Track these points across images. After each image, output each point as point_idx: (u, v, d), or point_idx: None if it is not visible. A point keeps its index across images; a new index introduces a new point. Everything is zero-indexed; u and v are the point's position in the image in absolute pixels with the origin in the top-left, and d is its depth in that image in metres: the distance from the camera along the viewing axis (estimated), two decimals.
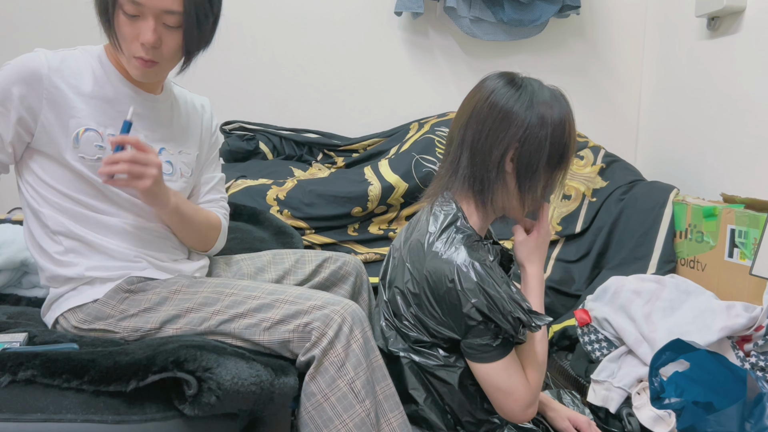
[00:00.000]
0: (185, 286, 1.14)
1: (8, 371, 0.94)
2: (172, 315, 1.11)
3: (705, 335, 1.35)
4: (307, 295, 1.09)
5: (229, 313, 1.09)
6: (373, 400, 1.03)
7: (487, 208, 1.11)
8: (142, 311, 1.12)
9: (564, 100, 1.10)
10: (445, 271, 1.03)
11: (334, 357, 1.02)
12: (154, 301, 1.12)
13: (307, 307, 1.06)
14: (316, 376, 1.03)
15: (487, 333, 1.03)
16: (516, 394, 1.06)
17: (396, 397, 1.08)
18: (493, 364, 1.05)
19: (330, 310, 1.05)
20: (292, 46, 2.34)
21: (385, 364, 1.09)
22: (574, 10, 2.32)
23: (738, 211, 1.61)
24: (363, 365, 1.03)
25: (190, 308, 1.10)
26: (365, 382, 1.03)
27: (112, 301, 1.13)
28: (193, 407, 0.94)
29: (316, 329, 1.03)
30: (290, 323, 1.05)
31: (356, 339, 1.04)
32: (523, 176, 1.07)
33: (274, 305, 1.08)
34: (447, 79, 2.44)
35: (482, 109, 1.07)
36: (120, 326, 1.12)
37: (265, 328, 1.07)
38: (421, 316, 1.09)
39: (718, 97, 2.04)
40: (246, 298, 1.09)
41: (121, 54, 1.12)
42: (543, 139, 1.05)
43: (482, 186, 1.09)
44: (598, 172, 2.12)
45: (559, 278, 1.90)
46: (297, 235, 1.78)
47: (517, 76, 1.10)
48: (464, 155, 1.09)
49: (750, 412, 1.09)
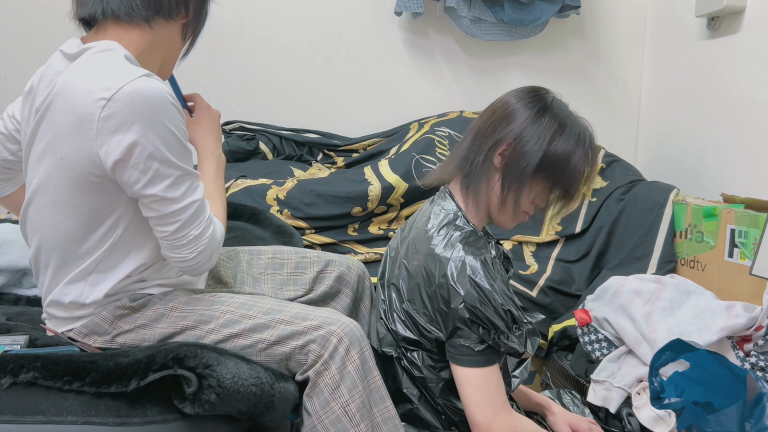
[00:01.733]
0: (182, 303, 1.10)
1: (9, 373, 0.94)
2: (168, 333, 1.08)
3: (705, 335, 1.35)
4: (304, 314, 1.06)
5: (224, 332, 1.06)
6: (369, 424, 1.01)
7: (477, 202, 1.11)
8: (137, 327, 1.08)
9: (585, 138, 1.09)
10: (439, 266, 1.03)
11: (329, 379, 1.00)
12: (150, 318, 1.09)
13: (303, 327, 1.04)
14: (312, 396, 1.02)
15: (472, 336, 1.02)
16: (484, 411, 1.02)
17: (396, 419, 1.06)
18: (470, 369, 1.03)
19: (326, 330, 1.02)
20: (291, 46, 2.34)
21: (380, 366, 1.08)
22: (574, 10, 2.32)
23: (738, 211, 1.61)
24: (359, 387, 1.01)
25: (185, 326, 1.08)
26: (360, 405, 1.01)
27: (110, 317, 1.08)
28: (193, 405, 0.94)
29: (312, 351, 1.02)
30: (286, 345, 1.04)
31: (352, 360, 1.01)
32: (509, 175, 1.08)
33: (269, 325, 1.05)
34: (447, 79, 2.44)
35: (497, 102, 1.12)
36: (116, 343, 1.09)
37: (261, 350, 1.05)
38: (411, 312, 1.09)
39: (718, 97, 2.04)
40: (242, 317, 1.07)
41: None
42: (536, 150, 1.05)
43: (470, 170, 1.10)
44: (598, 172, 2.12)
45: (559, 278, 1.90)
46: (297, 234, 1.78)
47: (547, 92, 1.12)
48: (467, 139, 1.13)
49: (750, 412, 1.09)
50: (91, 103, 0.92)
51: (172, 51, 1.11)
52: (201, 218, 1.01)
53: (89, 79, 0.94)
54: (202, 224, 1.01)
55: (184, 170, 0.99)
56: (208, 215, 1.03)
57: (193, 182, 1.01)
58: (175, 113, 0.96)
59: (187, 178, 1.00)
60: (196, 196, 1.01)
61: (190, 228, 1.00)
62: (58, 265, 1.05)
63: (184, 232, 1.00)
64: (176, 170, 0.97)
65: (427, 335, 1.08)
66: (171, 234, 0.99)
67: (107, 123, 0.92)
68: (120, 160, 0.94)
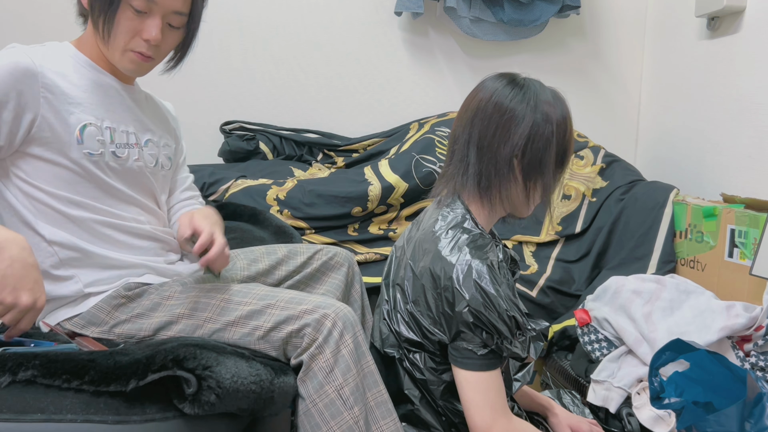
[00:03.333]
0: (178, 292, 1.12)
1: (8, 371, 0.94)
2: (165, 321, 1.09)
3: (705, 335, 1.35)
4: (299, 299, 1.08)
5: (221, 321, 1.08)
6: (362, 407, 1.02)
7: (495, 206, 1.11)
8: (134, 317, 1.10)
9: (563, 101, 1.11)
10: (446, 268, 1.03)
11: (323, 362, 1.01)
12: (146, 307, 1.11)
13: (297, 312, 1.05)
14: (306, 380, 1.02)
15: (475, 340, 1.02)
16: (484, 415, 1.02)
17: (389, 404, 1.06)
18: (472, 373, 1.02)
19: (320, 314, 1.03)
20: (292, 46, 2.34)
21: (380, 366, 1.08)
22: (574, 10, 2.32)
23: (738, 211, 1.61)
24: (353, 371, 1.02)
25: (181, 314, 1.09)
26: (354, 388, 1.01)
27: (108, 307, 1.10)
28: (192, 406, 0.94)
29: (307, 335, 1.03)
30: (282, 330, 1.05)
31: (346, 344, 1.02)
32: (531, 173, 1.08)
33: (265, 311, 1.07)
34: (447, 79, 2.44)
35: (486, 107, 1.08)
36: (114, 333, 1.11)
37: (259, 337, 1.06)
38: (415, 313, 1.09)
39: (718, 97, 2.04)
40: (237, 305, 1.08)
41: (110, 46, 1.11)
42: (550, 136, 1.06)
43: (489, 183, 1.09)
44: (598, 172, 2.12)
45: (559, 278, 1.90)
46: (297, 235, 1.78)
47: (518, 77, 1.11)
48: (471, 153, 1.10)
49: (750, 412, 1.09)
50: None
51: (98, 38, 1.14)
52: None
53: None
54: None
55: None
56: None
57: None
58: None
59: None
60: None
61: None
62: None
63: None
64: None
65: (430, 337, 1.08)
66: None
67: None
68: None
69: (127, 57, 1.12)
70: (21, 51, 1.05)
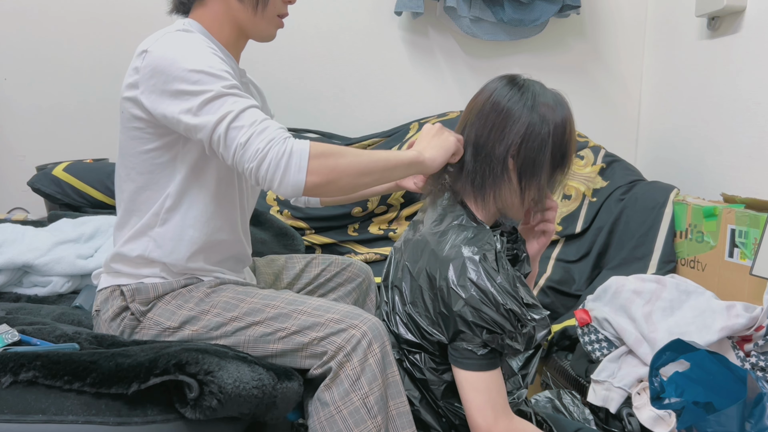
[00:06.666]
0: (208, 293, 1.14)
1: (10, 372, 0.94)
2: (192, 316, 1.11)
3: (705, 335, 1.35)
4: (326, 307, 1.08)
5: (246, 320, 1.09)
6: (384, 417, 1.02)
7: (488, 206, 1.11)
8: (166, 304, 1.13)
9: (565, 103, 1.11)
10: (441, 269, 1.03)
11: (350, 370, 1.01)
12: (182, 298, 1.13)
13: (324, 320, 1.05)
14: (332, 386, 1.02)
15: (475, 340, 1.02)
16: (485, 415, 1.01)
17: (409, 415, 1.06)
18: (472, 373, 1.02)
19: (348, 324, 1.04)
20: (291, 46, 2.34)
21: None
22: (574, 10, 2.33)
23: (738, 211, 1.61)
24: (378, 381, 1.02)
25: (207, 310, 1.11)
26: (379, 397, 1.02)
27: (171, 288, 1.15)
28: (194, 411, 0.94)
29: (332, 343, 1.03)
30: (306, 335, 1.05)
31: (374, 354, 1.02)
32: (526, 173, 1.08)
33: (291, 315, 1.07)
34: (447, 79, 2.44)
35: (484, 107, 1.09)
36: (145, 316, 1.13)
37: (280, 338, 1.07)
38: (414, 314, 1.09)
39: (718, 96, 2.05)
40: (265, 306, 1.09)
41: (263, 16, 1.13)
42: (546, 137, 1.06)
43: (483, 181, 1.09)
44: (598, 172, 2.12)
45: (559, 278, 1.91)
46: (298, 236, 1.79)
47: (518, 78, 1.11)
48: (468, 152, 1.11)
49: (750, 412, 1.09)
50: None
51: (238, 12, 1.13)
52: (242, 127, 0.98)
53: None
54: (247, 133, 0.97)
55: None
56: (259, 126, 0.98)
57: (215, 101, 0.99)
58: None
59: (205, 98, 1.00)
60: (224, 110, 0.98)
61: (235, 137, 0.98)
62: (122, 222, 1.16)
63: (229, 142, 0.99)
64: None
65: (428, 338, 1.07)
66: (221, 143, 0.99)
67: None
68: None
69: (274, 23, 1.16)
70: (201, 37, 1.07)
